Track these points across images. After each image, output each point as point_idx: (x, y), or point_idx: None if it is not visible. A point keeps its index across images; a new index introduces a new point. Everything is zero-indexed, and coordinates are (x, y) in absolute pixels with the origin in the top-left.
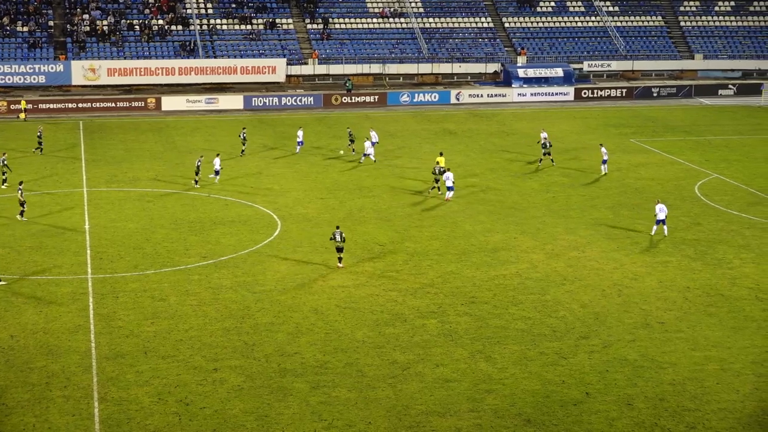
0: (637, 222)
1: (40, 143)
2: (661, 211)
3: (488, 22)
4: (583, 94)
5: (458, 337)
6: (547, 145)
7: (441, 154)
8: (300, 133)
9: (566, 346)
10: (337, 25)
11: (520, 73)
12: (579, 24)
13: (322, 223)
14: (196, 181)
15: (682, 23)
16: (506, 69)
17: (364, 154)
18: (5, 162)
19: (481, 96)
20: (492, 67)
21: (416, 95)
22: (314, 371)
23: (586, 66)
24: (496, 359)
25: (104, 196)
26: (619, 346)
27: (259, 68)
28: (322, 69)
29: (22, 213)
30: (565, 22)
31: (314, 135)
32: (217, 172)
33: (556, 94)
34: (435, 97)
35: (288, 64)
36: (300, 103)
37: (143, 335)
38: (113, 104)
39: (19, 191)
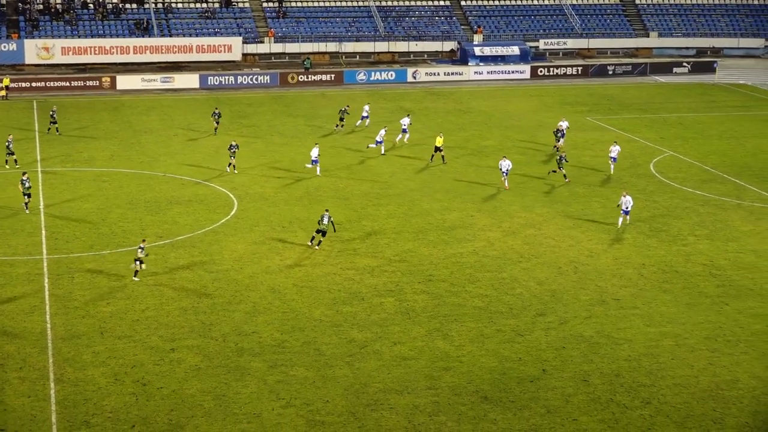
0: (593, 200)
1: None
2: (624, 203)
3: (445, 1)
4: (539, 72)
5: (415, 315)
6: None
7: (440, 135)
8: (366, 108)
9: (523, 323)
10: (293, 4)
11: (477, 51)
12: (535, 2)
13: (279, 203)
14: None
15: (638, 1)
16: (463, 47)
17: (377, 141)
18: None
19: (438, 74)
20: (448, 46)
21: (373, 74)
22: (272, 350)
23: (542, 44)
24: (453, 337)
25: (59, 176)
26: (575, 323)
27: (215, 47)
28: (278, 47)
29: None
30: (521, 0)
31: (270, 114)
32: (314, 161)
33: (513, 72)
34: (391, 76)
35: (244, 42)
36: (256, 82)
37: (99, 316)
38: (67, 83)
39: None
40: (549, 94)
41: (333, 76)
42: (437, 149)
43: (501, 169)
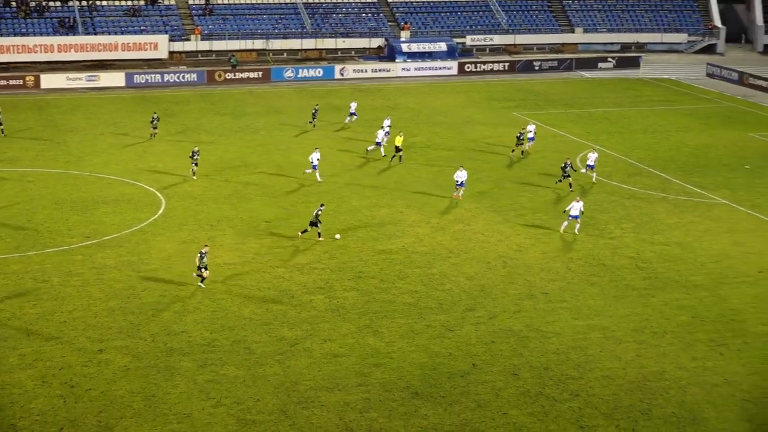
0: (521, 194)
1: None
2: (574, 209)
3: None
4: (466, 69)
5: (345, 312)
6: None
7: (400, 133)
8: (353, 105)
9: (453, 318)
10: (220, 1)
11: (404, 47)
12: None
13: (207, 201)
14: None
15: None
16: (390, 44)
17: (376, 143)
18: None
19: (366, 71)
20: (376, 42)
21: (300, 71)
22: (201, 349)
23: (469, 40)
24: (383, 333)
25: None
26: (504, 317)
27: (141, 45)
28: (205, 45)
29: None
30: None
31: (197, 112)
32: (314, 167)
33: (440, 68)
34: (319, 73)
35: (170, 40)
36: (183, 80)
37: (25, 317)
38: None
39: None
40: (476, 90)
41: (260, 73)
42: (398, 149)
43: (456, 181)
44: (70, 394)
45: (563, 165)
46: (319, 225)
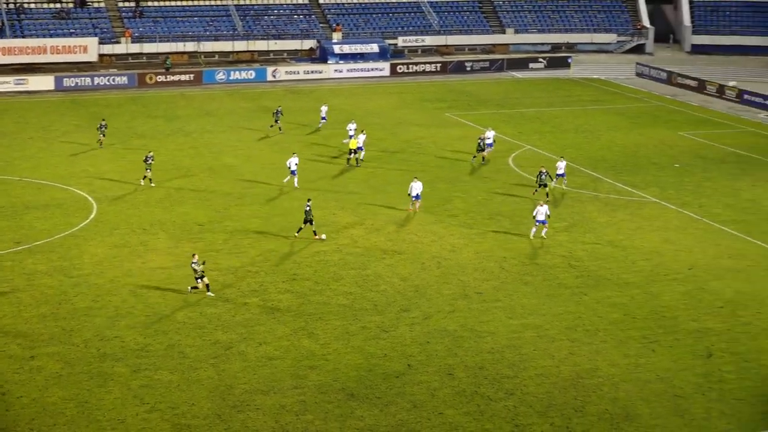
0: (453, 195)
1: None
2: (540, 213)
3: None
4: (398, 70)
5: (280, 315)
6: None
7: (362, 133)
8: (324, 108)
9: (388, 319)
10: (150, 3)
11: (336, 49)
12: (393, 0)
13: (139, 205)
14: None
15: None
16: (322, 45)
17: (358, 148)
18: None
19: (298, 73)
20: (308, 44)
21: (232, 73)
22: (135, 354)
23: (400, 41)
24: (318, 335)
25: None
26: (439, 318)
27: (70, 48)
28: (135, 48)
29: None
30: None
31: (129, 115)
32: (293, 173)
33: (372, 69)
34: (251, 75)
35: (100, 43)
36: (113, 83)
37: None
38: None
39: None
40: (408, 91)
41: (192, 76)
42: (353, 151)
43: (410, 193)
44: (1, 402)
45: (538, 173)
46: (312, 222)
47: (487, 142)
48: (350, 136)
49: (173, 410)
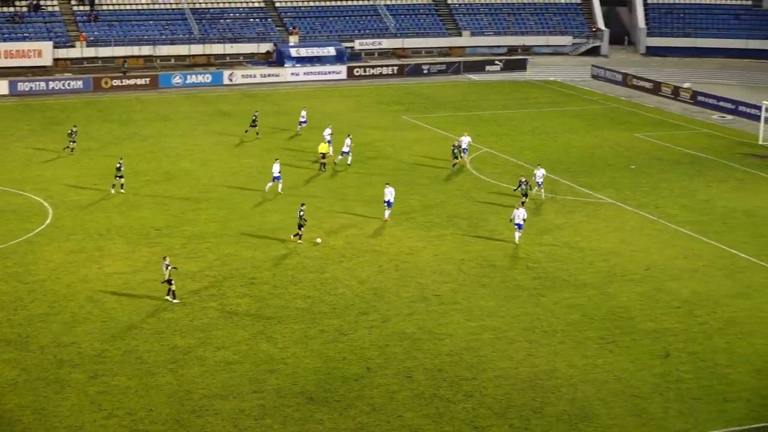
0: (411, 197)
1: None
2: (517, 217)
3: (259, 2)
4: (355, 73)
5: (239, 319)
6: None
7: (348, 137)
8: (303, 113)
9: (346, 322)
10: (105, 7)
11: (293, 52)
12: (349, 3)
13: (95, 210)
14: None
15: (450, 1)
16: (279, 49)
17: (342, 153)
18: None
19: (255, 76)
20: (264, 47)
21: (188, 77)
22: (92, 360)
23: (357, 44)
24: (277, 339)
25: None
26: (397, 320)
27: (24, 52)
28: (90, 52)
29: None
30: (336, 1)
31: (85, 119)
32: (276, 178)
33: (329, 72)
34: (208, 78)
35: (55, 47)
36: (68, 87)
37: None
38: None
39: None
40: (366, 94)
41: (148, 80)
42: (323, 156)
43: (384, 198)
44: None
45: (519, 183)
46: (302, 227)
47: (463, 147)
48: (327, 142)
49: (131, 416)
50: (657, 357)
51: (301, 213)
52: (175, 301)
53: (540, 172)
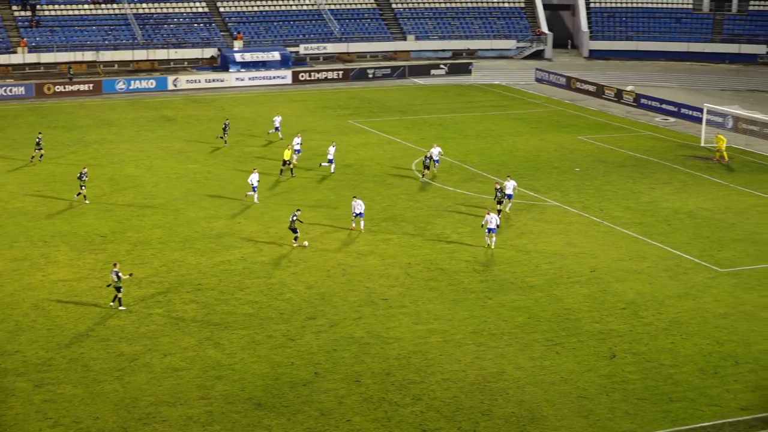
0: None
1: None
2: (491, 222)
3: (203, 7)
4: (300, 77)
5: (185, 326)
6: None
7: (289, 147)
8: (277, 119)
9: (294, 327)
10: (47, 12)
11: (237, 57)
12: (294, 7)
13: (39, 217)
14: None
15: (394, 5)
16: (223, 54)
17: (329, 160)
18: None
19: (199, 81)
20: (209, 52)
21: (132, 82)
22: (37, 369)
23: (302, 49)
24: (224, 345)
25: None
26: (345, 325)
27: None
28: (32, 57)
29: None
30: (280, 5)
31: (27, 126)
32: (254, 189)
33: (274, 77)
34: (152, 84)
35: None
36: (10, 94)
37: None
38: None
39: None
40: (311, 99)
41: (92, 85)
42: (285, 162)
43: (354, 211)
44: None
45: (495, 190)
46: (297, 231)
47: (435, 159)
48: (297, 151)
49: (77, 424)
50: (603, 358)
51: (294, 218)
52: (121, 308)
53: (510, 184)
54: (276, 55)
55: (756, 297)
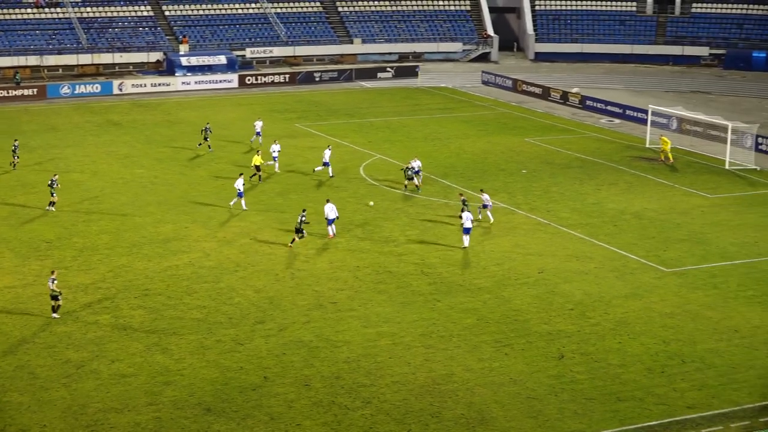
0: (305, 205)
1: None
2: (468, 221)
3: (148, 11)
4: (247, 81)
5: (133, 331)
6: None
7: (258, 152)
8: (258, 123)
9: (242, 332)
10: None
11: (183, 61)
12: (239, 11)
13: None
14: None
15: (340, 8)
16: (169, 58)
17: (324, 164)
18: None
19: (145, 86)
20: (154, 56)
21: (77, 87)
22: None
23: (248, 53)
24: (172, 350)
25: None
26: (294, 329)
27: None
28: None
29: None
30: (226, 9)
31: None
32: (240, 194)
33: (221, 81)
34: (97, 88)
35: None
36: None
37: None
38: None
39: None
40: (258, 103)
41: (36, 90)
42: (257, 168)
43: (327, 217)
44: None
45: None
46: (303, 232)
47: (415, 170)
48: (274, 159)
49: None
50: (551, 359)
51: (302, 219)
52: (54, 315)
53: (485, 197)
54: (222, 59)
55: (701, 296)
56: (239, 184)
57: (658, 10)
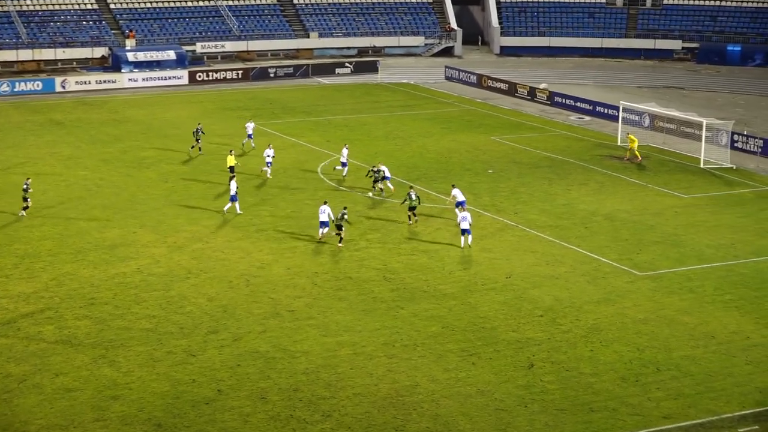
0: (260, 208)
1: None
2: (464, 221)
3: (92, 4)
4: (197, 77)
5: (78, 343)
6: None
7: (231, 152)
8: (250, 125)
9: (195, 342)
10: None
11: (130, 57)
12: (189, 3)
13: None
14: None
15: (296, 1)
16: (115, 53)
17: (342, 163)
18: None
19: (90, 83)
20: (99, 52)
21: (17, 84)
22: None
23: (199, 48)
24: (120, 363)
25: None
26: (249, 339)
27: None
28: None
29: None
30: (175, 1)
31: None
32: (233, 198)
33: (170, 78)
34: (38, 86)
35: None
36: None
37: None
38: None
39: None
40: (210, 100)
41: None
42: (231, 169)
43: (321, 219)
44: None
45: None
46: (343, 229)
47: (385, 176)
48: (268, 164)
49: None
50: (521, 368)
51: (343, 216)
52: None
53: (456, 191)
54: (171, 54)
55: (676, 301)
56: (233, 187)
57: (629, 2)
